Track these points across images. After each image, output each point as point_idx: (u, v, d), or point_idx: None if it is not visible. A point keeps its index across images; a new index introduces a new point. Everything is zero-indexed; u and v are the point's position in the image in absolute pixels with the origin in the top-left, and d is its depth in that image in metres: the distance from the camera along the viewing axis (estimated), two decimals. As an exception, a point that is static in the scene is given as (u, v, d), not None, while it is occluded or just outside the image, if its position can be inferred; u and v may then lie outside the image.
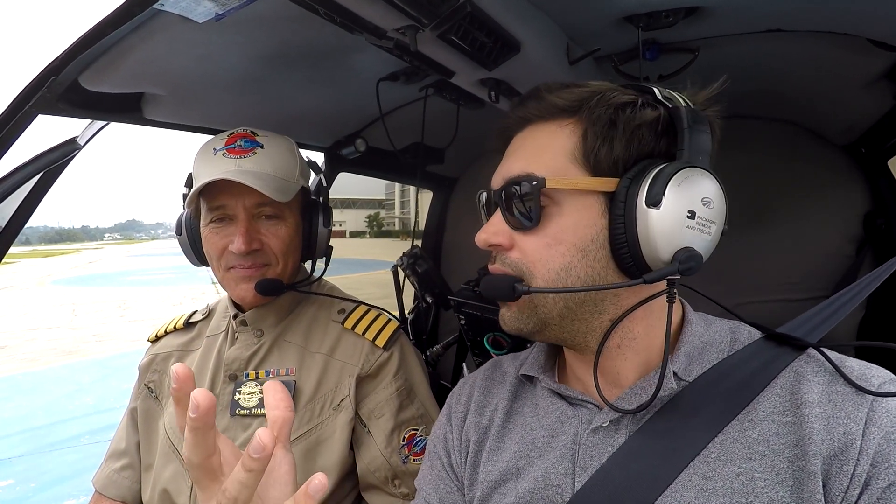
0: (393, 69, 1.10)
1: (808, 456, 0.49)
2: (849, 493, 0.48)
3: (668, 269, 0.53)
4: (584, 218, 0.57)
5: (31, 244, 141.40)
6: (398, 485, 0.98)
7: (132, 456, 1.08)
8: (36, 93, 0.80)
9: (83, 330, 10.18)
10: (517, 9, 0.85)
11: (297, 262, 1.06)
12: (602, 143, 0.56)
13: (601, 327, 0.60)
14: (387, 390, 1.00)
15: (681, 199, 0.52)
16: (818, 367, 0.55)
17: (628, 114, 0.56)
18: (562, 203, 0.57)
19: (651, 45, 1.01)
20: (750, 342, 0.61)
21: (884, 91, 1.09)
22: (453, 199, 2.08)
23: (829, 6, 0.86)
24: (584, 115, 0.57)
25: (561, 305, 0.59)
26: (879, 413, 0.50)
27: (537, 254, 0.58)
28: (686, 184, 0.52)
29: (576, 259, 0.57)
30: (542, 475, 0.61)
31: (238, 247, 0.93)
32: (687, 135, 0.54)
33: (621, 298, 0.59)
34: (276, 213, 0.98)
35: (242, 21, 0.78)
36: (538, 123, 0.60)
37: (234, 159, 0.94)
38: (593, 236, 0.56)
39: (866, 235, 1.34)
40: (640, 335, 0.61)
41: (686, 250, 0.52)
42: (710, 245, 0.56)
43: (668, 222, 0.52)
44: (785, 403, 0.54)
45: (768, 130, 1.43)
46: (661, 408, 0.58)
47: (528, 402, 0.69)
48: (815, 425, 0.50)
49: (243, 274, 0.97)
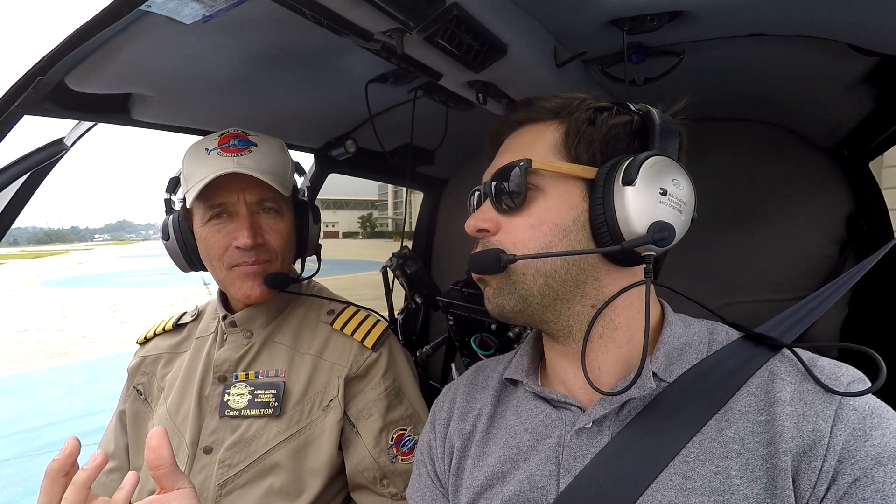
0: (382, 71, 1.11)
1: (780, 453, 0.50)
2: (817, 488, 0.49)
3: (643, 238, 0.56)
4: (565, 200, 0.61)
5: (19, 245, 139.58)
6: (387, 484, 0.98)
7: (120, 459, 1.07)
8: (22, 93, 0.79)
9: (72, 332, 10.07)
10: (504, 12, 0.86)
11: (292, 260, 1.07)
12: (582, 137, 0.61)
13: (584, 313, 0.62)
14: (375, 390, 1.00)
15: (653, 177, 0.56)
16: (791, 366, 0.57)
17: (605, 115, 0.62)
18: (546, 189, 0.61)
19: (637, 48, 1.03)
20: (728, 342, 0.62)
21: (864, 94, 1.11)
22: (444, 199, 2.09)
23: (810, 12, 0.87)
24: (567, 115, 0.63)
25: (541, 282, 0.61)
26: (847, 410, 0.51)
27: (521, 233, 0.62)
28: (657, 166, 0.57)
29: (556, 238, 0.60)
30: (527, 478, 0.62)
31: (244, 241, 0.93)
32: (658, 131, 0.60)
33: (603, 284, 0.62)
34: (276, 207, 1.00)
35: (230, 23, 0.78)
36: (527, 125, 0.66)
37: (231, 157, 0.94)
38: (574, 217, 0.60)
39: (849, 237, 1.36)
40: (622, 326, 0.62)
41: (660, 223, 0.56)
42: (682, 223, 0.58)
43: (643, 197, 0.56)
44: (759, 402, 0.55)
45: (753, 133, 1.45)
46: (642, 408, 0.59)
47: (512, 406, 0.70)
48: (786, 423, 0.52)
49: (248, 271, 0.97)
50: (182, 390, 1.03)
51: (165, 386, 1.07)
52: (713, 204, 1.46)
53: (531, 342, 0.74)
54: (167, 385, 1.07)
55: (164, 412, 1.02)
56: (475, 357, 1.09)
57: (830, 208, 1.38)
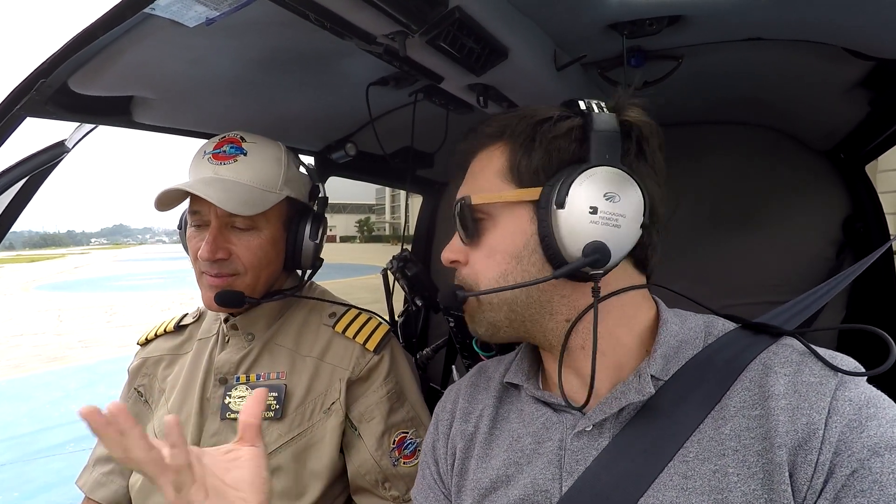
0: (383, 74, 1.11)
1: (775, 448, 0.50)
2: (813, 481, 0.49)
3: (577, 263, 0.56)
4: (514, 227, 0.62)
5: (15, 249, 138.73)
6: (388, 487, 0.98)
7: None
8: (25, 95, 0.79)
9: (69, 336, 10.02)
10: (505, 15, 0.86)
11: (272, 274, 1.03)
12: (523, 156, 0.61)
13: (558, 328, 0.63)
14: (377, 393, 1.00)
15: (582, 196, 0.56)
16: (785, 358, 0.57)
17: (545, 128, 0.60)
18: (496, 216, 0.63)
19: (636, 52, 1.03)
20: (724, 333, 0.62)
21: (860, 98, 1.12)
22: (443, 202, 2.09)
23: (807, 17, 0.88)
24: (509, 136, 0.63)
25: (506, 310, 0.63)
26: (842, 402, 0.51)
27: (480, 265, 0.64)
28: (588, 182, 0.56)
29: (511, 265, 0.62)
30: (530, 481, 0.62)
31: (202, 254, 0.93)
32: (593, 138, 0.58)
33: (572, 299, 0.62)
34: (249, 224, 0.96)
35: (233, 25, 0.79)
36: (479, 153, 0.67)
37: (214, 165, 0.95)
38: (525, 242, 0.61)
39: (846, 239, 1.37)
40: (602, 334, 0.61)
41: (593, 243, 0.56)
42: (623, 237, 0.57)
43: (573, 219, 0.56)
44: (754, 397, 0.55)
45: (750, 136, 1.46)
46: (641, 408, 0.59)
47: (514, 409, 0.70)
48: (780, 417, 0.52)
49: (209, 282, 0.97)
50: (183, 392, 1.03)
51: (167, 387, 1.07)
52: (711, 207, 1.48)
53: (529, 345, 0.74)
54: (168, 387, 1.07)
55: (165, 414, 1.02)
56: (476, 358, 1.10)
57: (827, 211, 1.39)
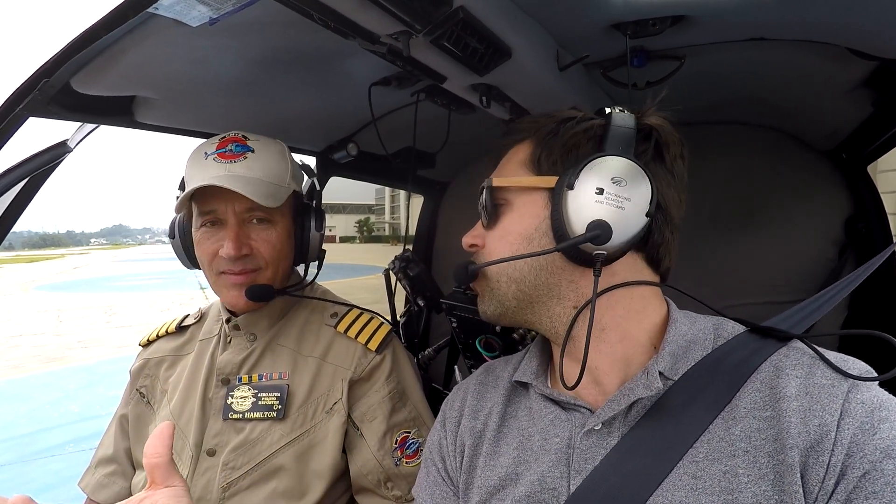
0: (385, 74, 1.11)
1: (787, 449, 0.51)
2: (825, 483, 0.49)
3: (578, 238, 0.59)
4: (529, 211, 0.65)
5: (14, 249, 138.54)
6: (391, 487, 0.98)
7: (121, 463, 1.07)
8: (27, 95, 0.79)
9: (68, 336, 10.01)
10: (509, 15, 0.86)
11: (288, 267, 1.06)
12: (544, 149, 0.65)
13: (565, 314, 0.65)
14: (379, 393, 1.00)
15: (590, 178, 0.59)
16: (796, 360, 0.57)
17: (569, 125, 0.65)
18: (513, 202, 0.67)
19: (639, 52, 1.03)
20: (733, 336, 0.63)
21: (863, 98, 1.12)
22: (444, 203, 2.09)
23: (809, 17, 0.88)
24: (535, 131, 0.68)
25: (514, 288, 0.66)
26: (854, 404, 0.51)
27: (493, 245, 0.68)
28: (598, 167, 0.59)
29: (521, 246, 0.65)
30: (538, 479, 0.62)
31: (228, 251, 0.93)
32: (610, 133, 0.62)
33: (580, 286, 0.64)
34: (267, 217, 0.98)
35: (236, 25, 0.78)
36: (511, 147, 0.71)
37: (224, 164, 0.95)
38: (536, 225, 0.64)
39: (848, 239, 1.37)
40: (609, 326, 0.63)
41: (595, 221, 0.58)
42: (626, 218, 0.59)
43: (580, 199, 0.59)
44: (765, 398, 0.55)
45: (753, 136, 1.46)
46: (650, 408, 0.59)
47: (523, 407, 0.71)
48: (792, 419, 0.52)
49: (233, 280, 0.97)
50: (185, 393, 1.03)
51: (169, 388, 1.07)
52: (713, 207, 1.48)
53: (539, 344, 0.75)
54: (171, 387, 1.07)
55: (168, 415, 1.02)
56: (479, 359, 1.10)
57: (829, 211, 1.39)
